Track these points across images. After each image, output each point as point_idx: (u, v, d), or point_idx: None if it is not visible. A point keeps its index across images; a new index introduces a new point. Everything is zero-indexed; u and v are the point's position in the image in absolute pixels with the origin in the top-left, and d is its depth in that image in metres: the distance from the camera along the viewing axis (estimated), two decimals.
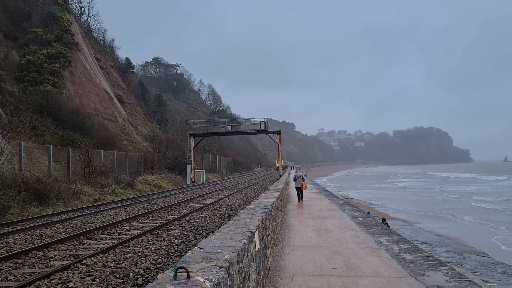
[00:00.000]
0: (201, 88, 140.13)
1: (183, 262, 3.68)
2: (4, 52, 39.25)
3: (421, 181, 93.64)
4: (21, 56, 40.56)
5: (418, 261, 7.93)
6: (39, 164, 24.17)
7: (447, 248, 20.23)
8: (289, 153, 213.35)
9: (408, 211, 36.38)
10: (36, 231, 11.92)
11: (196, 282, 2.96)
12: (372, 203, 43.07)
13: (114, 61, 70.77)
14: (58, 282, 6.60)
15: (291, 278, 6.87)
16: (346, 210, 17.06)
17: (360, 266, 7.55)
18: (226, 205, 18.54)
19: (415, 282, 6.52)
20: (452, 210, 37.16)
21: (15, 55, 40.46)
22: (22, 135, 28.30)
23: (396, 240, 10.23)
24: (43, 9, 47.95)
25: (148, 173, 35.80)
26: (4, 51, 39.40)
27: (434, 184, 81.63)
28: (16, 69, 38.94)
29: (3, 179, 16.57)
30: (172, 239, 10.44)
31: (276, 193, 12.88)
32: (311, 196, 24.36)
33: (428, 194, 54.48)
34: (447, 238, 23.28)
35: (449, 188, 66.74)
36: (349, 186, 77.29)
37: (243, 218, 6.97)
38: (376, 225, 12.93)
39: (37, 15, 46.67)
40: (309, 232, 11.44)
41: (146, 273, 7.25)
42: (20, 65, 39.49)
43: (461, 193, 56.05)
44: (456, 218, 32.05)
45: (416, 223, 28.67)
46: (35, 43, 42.93)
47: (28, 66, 39.50)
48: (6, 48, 40.23)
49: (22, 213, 15.66)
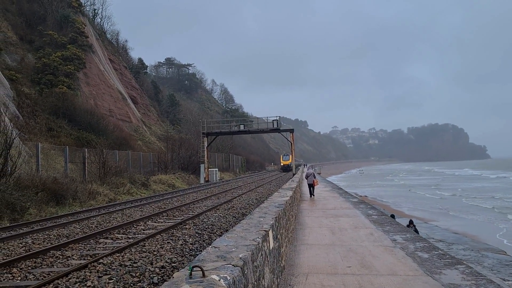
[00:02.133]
0: (214, 87, 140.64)
1: (198, 261, 3.72)
2: (20, 55, 39.94)
3: (437, 178, 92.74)
4: (36, 58, 41.22)
5: (434, 259, 7.85)
6: (56, 164, 24.56)
7: (464, 246, 19.99)
8: (302, 151, 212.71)
9: (423, 209, 36.03)
10: (54, 231, 12.12)
11: (211, 280, 2.98)
12: (387, 201, 42.76)
13: (127, 62, 71.46)
14: (76, 281, 6.72)
15: (305, 276, 6.87)
16: (360, 208, 16.96)
17: (375, 264, 7.52)
18: (240, 204, 18.60)
19: (431, 280, 6.47)
20: (467, 207, 36.75)
21: (31, 58, 41.13)
22: (38, 137, 28.78)
23: (412, 238, 10.14)
24: (57, 12, 48.65)
25: (162, 172, 36.08)
26: (20, 54, 40.08)
27: (451, 181, 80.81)
28: (32, 71, 39.59)
29: (21, 180, 16.88)
30: (186, 238, 10.52)
31: (289, 192, 12.87)
32: (325, 194, 24.28)
33: (445, 192, 53.90)
34: (464, 236, 23.00)
35: (466, 185, 66.04)
36: (363, 184, 76.82)
37: (257, 217, 6.99)
38: (390, 223, 12.83)
39: (52, 18, 47.36)
40: (323, 231, 11.41)
41: (162, 272, 7.33)
42: (36, 67, 40.14)
43: (478, 190, 55.46)
44: (472, 215, 31.65)
45: (432, 220, 28.40)
46: (50, 46, 43.59)
47: (44, 69, 40.13)
48: (22, 51, 40.92)
49: (40, 213, 15.94)
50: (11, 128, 18.95)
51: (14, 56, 39.07)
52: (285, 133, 49.09)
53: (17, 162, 17.19)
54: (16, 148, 18.91)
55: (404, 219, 23.26)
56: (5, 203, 14.55)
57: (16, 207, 14.83)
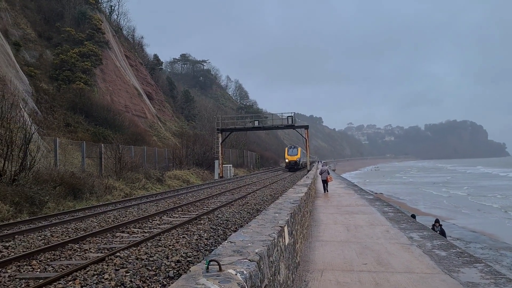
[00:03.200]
0: (228, 83, 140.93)
1: (214, 255, 3.73)
2: (39, 52, 40.58)
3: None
4: (54, 55, 41.85)
5: (451, 257, 7.74)
6: (73, 159, 24.94)
7: (482, 244, 19.68)
8: (317, 148, 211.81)
9: (441, 207, 35.58)
10: (72, 225, 12.32)
11: (228, 274, 2.99)
12: (403, 199, 42.33)
13: (143, 58, 72.04)
14: (94, 274, 6.81)
15: (320, 273, 6.85)
16: (376, 205, 16.81)
17: (391, 262, 7.44)
18: (254, 200, 18.62)
19: (448, 278, 6.38)
20: (486, 206, 36.15)
21: (49, 54, 41.77)
22: (56, 132, 29.28)
23: (429, 236, 10.01)
24: (75, 8, 49.27)
25: (176, 168, 36.34)
26: (39, 51, 40.74)
27: (468, 179, 79.58)
28: (50, 68, 40.22)
29: (39, 174, 17.19)
30: (201, 233, 10.58)
31: (304, 188, 12.83)
32: (340, 191, 24.14)
33: (462, 190, 53.13)
34: (482, 234, 22.64)
35: (485, 183, 64.99)
36: (378, 181, 76.17)
37: (272, 213, 6.99)
38: (407, 220, 12.69)
39: (69, 15, 48.00)
40: (338, 227, 11.35)
41: (177, 266, 7.38)
42: (54, 64, 40.76)
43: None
44: (491, 214, 31.13)
45: (449, 219, 28.00)
46: (68, 42, 44.20)
47: (62, 65, 40.74)
48: (41, 47, 41.58)
49: (58, 207, 16.21)
50: (30, 123, 19.30)
51: (33, 52, 39.73)
52: (300, 130, 48.87)
53: (36, 156, 17.50)
54: (35, 143, 19.25)
55: (421, 217, 22.98)
56: (24, 197, 14.84)
57: (35, 201, 15.12)
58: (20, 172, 16.08)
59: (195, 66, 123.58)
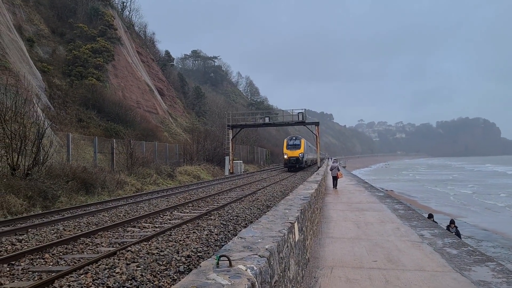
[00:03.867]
0: (239, 80, 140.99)
1: (224, 250, 3.75)
2: (52, 48, 41.01)
3: (466, 174, 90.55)
4: (67, 51, 42.25)
5: (463, 255, 7.67)
6: (85, 154, 25.21)
7: (494, 243, 19.47)
8: (327, 145, 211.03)
9: (452, 205, 35.25)
10: (84, 219, 12.47)
11: (238, 270, 3.01)
12: (414, 196, 42.02)
13: (154, 54, 72.37)
14: (105, 267, 6.90)
15: (330, 269, 6.84)
16: (387, 202, 16.71)
17: (401, 259, 7.41)
18: (264, 196, 18.64)
19: (460, 277, 6.33)
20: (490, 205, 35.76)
21: (62, 50, 42.18)
22: (69, 127, 29.60)
23: (440, 233, 9.93)
24: (87, 5, 49.63)
25: (187, 164, 36.51)
26: (52, 47, 41.16)
27: (481, 177, 78.71)
28: (63, 63, 40.62)
29: (52, 169, 17.41)
30: (212, 228, 10.63)
31: (314, 185, 12.81)
32: (350, 188, 24.03)
33: (474, 188, 52.58)
34: (493, 232, 22.39)
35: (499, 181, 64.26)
36: (389, 178, 75.70)
37: (282, 209, 6.99)
38: (418, 218, 12.60)
39: (82, 11, 48.38)
40: (348, 224, 11.32)
41: (188, 261, 7.44)
42: (67, 59, 41.16)
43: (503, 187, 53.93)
44: (501, 213, 30.77)
45: (460, 217, 27.73)
46: (80, 38, 44.58)
47: (74, 61, 41.11)
48: (54, 43, 42.00)
49: (70, 201, 16.42)
50: (43, 118, 19.54)
51: (46, 48, 40.16)
52: (310, 126, 48.67)
53: (49, 151, 17.71)
54: (48, 138, 19.48)
55: None
56: (37, 191, 15.05)
57: (48, 195, 15.32)
58: (33, 166, 16.30)
59: (206, 62, 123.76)
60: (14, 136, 15.84)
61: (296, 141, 43.22)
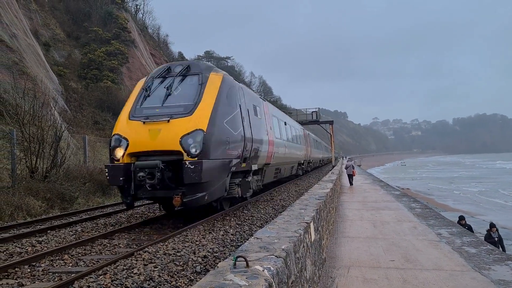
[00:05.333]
0: (252, 79, 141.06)
1: (241, 251, 3.77)
2: (67, 51, 41.65)
3: (485, 170, 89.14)
4: (83, 54, 42.87)
5: (482, 254, 7.56)
6: (101, 156, 25.52)
7: None
8: (342, 143, 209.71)
9: (470, 203, 34.74)
10: (101, 220, 12.63)
11: (255, 271, 3.02)
12: (431, 194, 41.51)
13: (168, 56, 72.87)
14: (123, 268, 6.98)
15: (347, 269, 6.81)
16: (403, 201, 16.55)
17: (419, 258, 7.33)
18: (279, 196, 18.61)
19: (479, 276, 6.24)
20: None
21: (77, 53, 42.81)
22: (85, 129, 30.01)
23: (458, 232, 9.80)
24: (101, 8, 50.26)
25: None
26: (67, 50, 41.80)
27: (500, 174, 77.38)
28: (78, 67, 41.23)
29: (70, 171, 17.69)
30: (227, 228, 10.66)
31: (330, 184, 12.76)
32: (366, 186, 23.86)
33: (494, 185, 51.72)
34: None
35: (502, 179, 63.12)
36: (405, 177, 74.93)
37: (298, 209, 6.99)
38: (435, 216, 12.45)
39: (96, 15, 49.02)
40: (364, 223, 11.24)
41: (204, 262, 7.47)
42: (82, 63, 41.76)
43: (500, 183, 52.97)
44: None
45: (479, 215, 27.31)
46: (95, 42, 45.17)
47: (90, 64, 41.68)
48: (69, 47, 42.66)
49: (88, 203, 16.66)
50: (60, 121, 19.86)
51: (62, 52, 40.80)
52: (324, 125, 48.46)
53: (66, 154, 18.00)
54: (65, 140, 19.79)
55: (449, 213, 22.50)
56: (55, 193, 15.30)
57: (65, 197, 15.57)
58: (51, 169, 16.58)
59: (219, 62, 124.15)
60: (33, 139, 16.13)
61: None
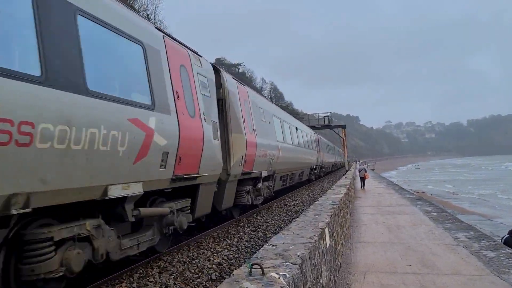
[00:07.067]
0: (263, 85, 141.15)
1: (256, 258, 3.77)
2: None
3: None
4: None
5: (501, 258, 7.43)
6: None
7: None
8: (354, 147, 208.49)
9: (486, 206, 34.20)
10: None
11: (271, 278, 3.02)
12: (447, 197, 40.97)
13: None
14: (139, 277, 7.03)
15: (363, 275, 6.75)
16: (418, 205, 16.37)
17: (436, 263, 7.23)
18: (293, 201, 18.56)
19: (498, 280, 6.13)
20: None
21: None
22: None
23: (475, 236, 9.65)
24: None
25: None
26: None
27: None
28: None
29: None
30: (241, 235, 10.66)
31: (343, 189, 12.70)
32: (380, 190, 23.66)
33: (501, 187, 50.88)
34: None
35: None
36: (419, 180, 74.13)
37: (312, 215, 6.97)
38: (452, 220, 12.28)
39: None
40: (379, 228, 11.14)
41: (219, 269, 7.48)
42: None
43: None
44: None
45: (496, 217, 26.85)
46: None
47: None
48: None
49: None
50: None
51: None
52: (337, 129, 48.29)
53: None
54: None
55: (466, 216, 22.16)
56: None
57: None
58: None
59: (230, 69, 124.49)
60: None
61: None
